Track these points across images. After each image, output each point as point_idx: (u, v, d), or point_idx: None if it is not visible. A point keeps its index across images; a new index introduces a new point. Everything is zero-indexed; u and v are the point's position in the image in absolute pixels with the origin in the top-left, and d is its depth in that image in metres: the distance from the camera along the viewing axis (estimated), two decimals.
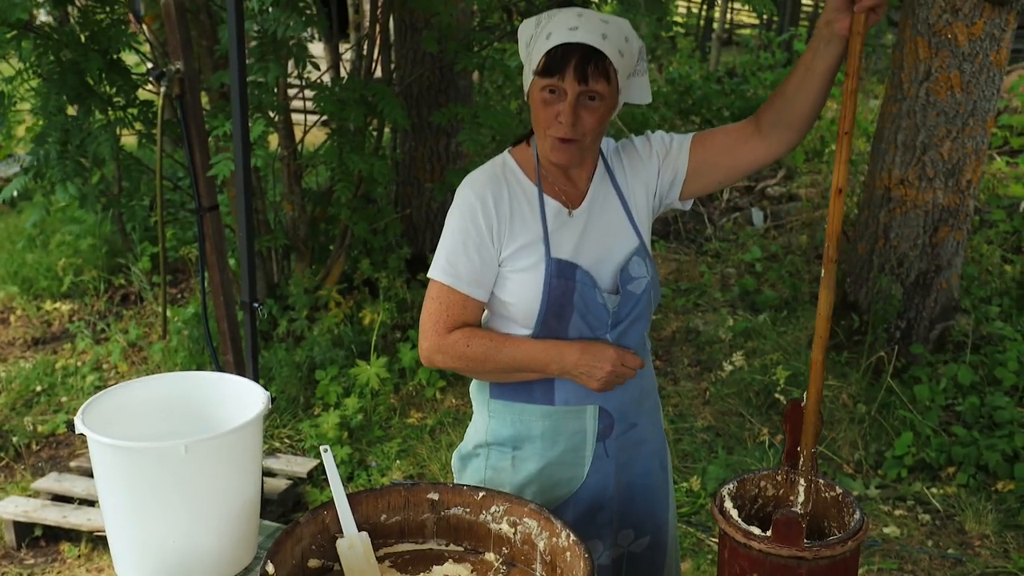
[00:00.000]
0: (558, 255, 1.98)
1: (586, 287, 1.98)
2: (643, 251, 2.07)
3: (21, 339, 5.79)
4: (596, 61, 1.87)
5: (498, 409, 2.10)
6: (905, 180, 4.78)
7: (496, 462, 2.12)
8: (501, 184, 2.02)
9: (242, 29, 2.91)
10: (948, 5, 4.52)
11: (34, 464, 4.49)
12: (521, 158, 2.07)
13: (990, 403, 4.45)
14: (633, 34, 1.96)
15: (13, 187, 4.57)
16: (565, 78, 1.87)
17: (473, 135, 4.73)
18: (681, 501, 4.05)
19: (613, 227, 2.06)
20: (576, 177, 2.06)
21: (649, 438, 2.20)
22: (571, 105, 1.88)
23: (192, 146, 3.11)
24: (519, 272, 1.99)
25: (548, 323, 1.98)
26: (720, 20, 16.16)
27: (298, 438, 4.59)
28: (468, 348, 1.98)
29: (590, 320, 2.00)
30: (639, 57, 2.00)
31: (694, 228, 7.47)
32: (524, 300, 1.98)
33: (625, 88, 1.98)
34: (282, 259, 5.50)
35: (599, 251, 2.02)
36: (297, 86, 5.07)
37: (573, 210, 2.03)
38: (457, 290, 1.99)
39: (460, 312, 2.00)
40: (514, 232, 1.99)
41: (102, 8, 4.44)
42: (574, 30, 1.86)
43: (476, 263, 1.98)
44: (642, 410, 2.16)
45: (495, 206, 1.99)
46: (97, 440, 1.70)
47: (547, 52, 1.88)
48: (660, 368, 5.33)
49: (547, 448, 2.07)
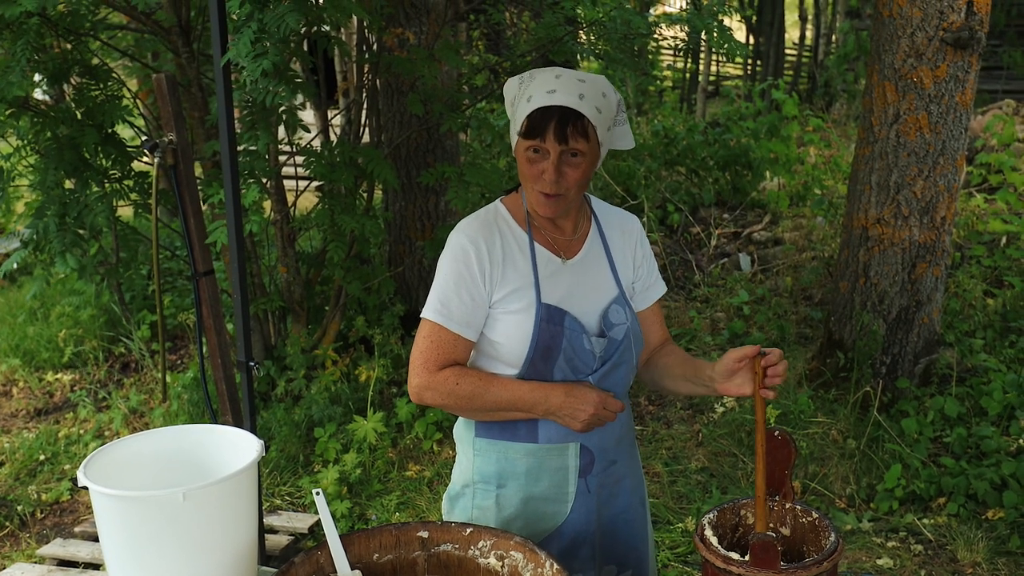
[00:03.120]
0: (548, 300, 2.07)
1: (574, 332, 2.07)
2: (622, 300, 2.16)
3: (24, 410, 5.87)
4: (575, 122, 1.96)
5: (483, 447, 2.19)
6: (881, 219, 4.91)
7: (481, 500, 2.20)
8: (493, 230, 2.11)
9: (230, 100, 3.04)
10: (912, 50, 4.69)
11: (39, 531, 4.54)
12: (512, 207, 2.17)
13: (977, 433, 4.53)
14: (610, 88, 2.06)
15: (13, 260, 4.68)
16: (546, 139, 1.97)
17: (461, 193, 4.87)
18: (676, 541, 4.10)
19: (599, 279, 2.16)
20: (563, 226, 2.16)
21: (628, 474, 2.27)
22: (554, 164, 1.99)
23: (186, 213, 3.22)
24: (510, 314, 2.07)
25: (535, 364, 2.07)
26: (705, 73, 16.47)
27: (299, 495, 4.65)
28: (457, 386, 2.06)
29: (576, 363, 2.09)
30: (618, 109, 2.09)
31: (683, 275, 7.59)
32: (513, 341, 2.07)
33: (607, 141, 2.08)
34: (278, 321, 5.60)
35: (587, 299, 2.12)
36: (288, 152, 5.22)
37: (567, 260, 2.14)
38: (448, 329, 2.07)
39: (451, 351, 2.08)
40: (506, 276, 2.08)
41: (96, 85, 4.59)
42: (552, 93, 1.96)
43: (468, 304, 2.07)
44: (621, 447, 2.23)
45: (488, 250, 2.08)
46: (99, 491, 1.77)
47: (528, 115, 1.98)
48: (653, 412, 5.41)
49: (531, 484, 2.15)
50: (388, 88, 5.75)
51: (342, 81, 7.65)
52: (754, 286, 7.01)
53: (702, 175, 9.39)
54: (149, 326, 6.39)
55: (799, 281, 6.88)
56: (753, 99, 10.18)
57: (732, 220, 8.80)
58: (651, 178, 9.01)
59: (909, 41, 4.70)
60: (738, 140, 9.28)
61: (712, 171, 9.36)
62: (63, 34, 4.59)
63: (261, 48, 3.54)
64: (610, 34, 5.19)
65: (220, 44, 2.99)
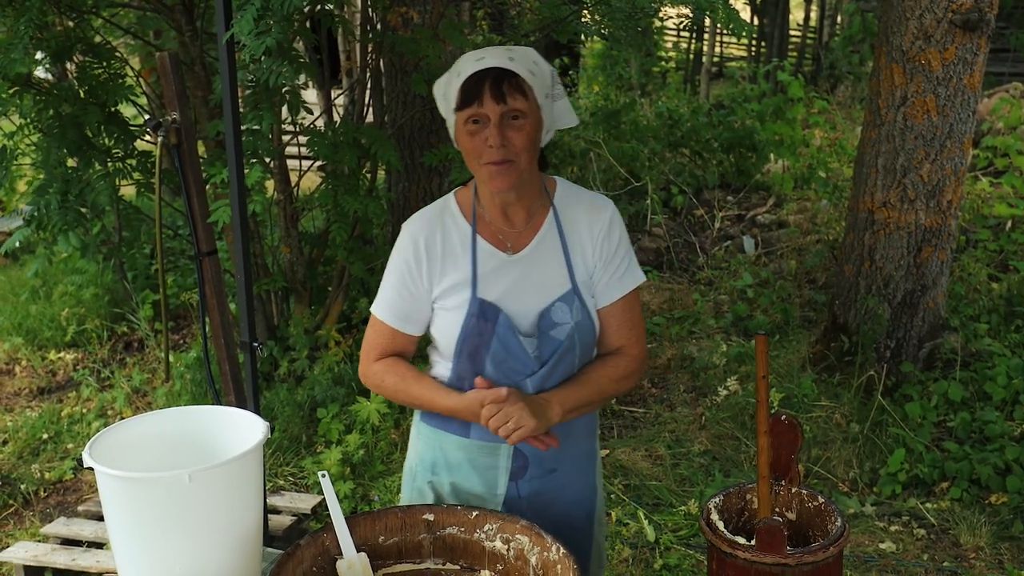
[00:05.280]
0: (484, 296, 2.02)
1: (507, 331, 2.01)
2: (571, 297, 2.05)
3: (27, 389, 5.87)
4: (508, 80, 1.92)
5: (424, 432, 2.19)
6: (887, 203, 4.89)
7: (421, 483, 2.20)
8: (437, 225, 2.08)
9: (235, 79, 3.02)
10: (920, 32, 4.66)
11: (42, 510, 4.55)
12: (462, 199, 2.12)
13: (981, 418, 4.52)
14: (540, 59, 2.02)
15: (16, 238, 4.66)
16: (484, 103, 1.92)
17: (464, 174, 4.83)
18: (679, 524, 4.11)
19: (549, 273, 2.06)
20: (513, 217, 2.08)
21: (572, 486, 2.18)
22: (496, 126, 1.92)
23: (190, 193, 3.21)
24: (446, 311, 2.05)
25: (462, 363, 2.05)
26: (709, 54, 16.40)
27: (301, 475, 4.66)
28: (383, 381, 2.11)
29: (510, 364, 2.02)
30: (553, 81, 2.03)
31: (687, 257, 7.57)
32: (445, 337, 2.06)
33: (548, 111, 2.01)
34: (281, 302, 5.59)
35: (529, 296, 2.04)
36: (291, 132, 5.19)
37: (513, 254, 2.06)
38: (386, 323, 2.10)
39: (388, 343, 2.12)
40: (445, 271, 2.05)
41: (99, 63, 4.57)
42: (480, 60, 1.94)
43: (407, 300, 2.08)
44: (565, 456, 2.14)
45: (426, 247, 2.06)
46: (105, 472, 1.77)
47: (460, 86, 1.95)
48: (656, 395, 5.41)
49: (462, 480, 2.13)
50: (392, 68, 5.72)
51: (345, 61, 7.62)
52: (758, 269, 7.00)
53: (706, 157, 9.35)
54: (152, 305, 6.39)
55: (803, 264, 6.87)
56: (758, 81, 10.13)
57: (736, 202, 8.77)
58: (655, 160, 8.98)
59: (917, 23, 4.66)
60: (742, 122, 9.24)
61: (716, 153, 9.32)
62: (65, 12, 4.56)
63: (264, 26, 3.51)
64: (614, 13, 5.14)
65: (224, 22, 2.96)
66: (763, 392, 1.94)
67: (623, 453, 4.74)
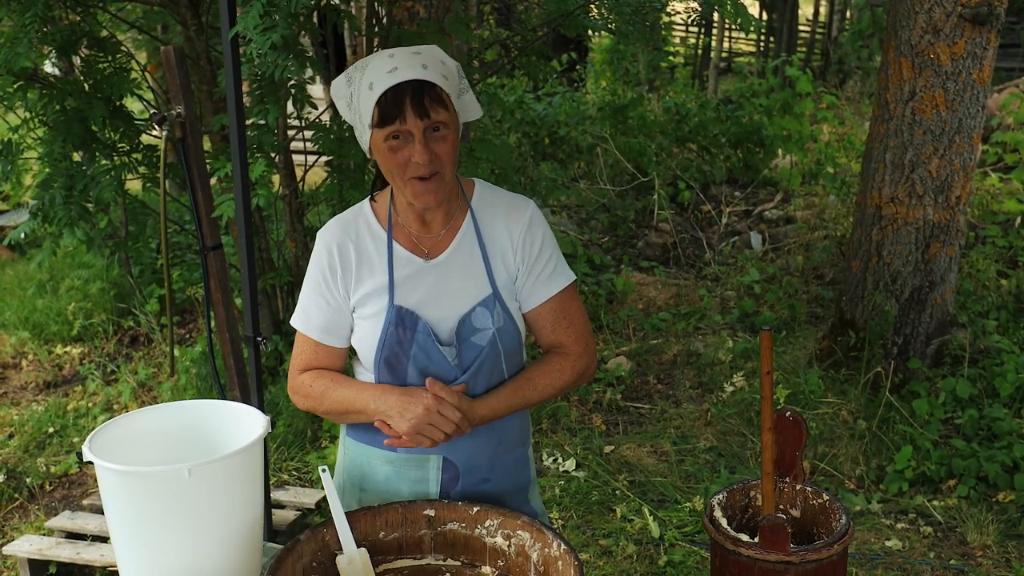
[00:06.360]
0: (402, 303, 1.98)
1: (426, 338, 1.97)
2: (492, 301, 2.00)
3: (33, 383, 5.88)
4: (428, 92, 1.84)
5: (351, 447, 2.15)
6: (895, 198, 4.86)
7: (349, 499, 2.15)
8: (350, 232, 2.03)
9: (239, 74, 3.01)
10: (929, 26, 4.63)
11: (47, 504, 4.56)
12: (377, 206, 2.06)
13: (989, 415, 4.50)
14: (446, 56, 1.96)
15: (21, 230, 4.66)
16: (406, 119, 1.84)
17: (470, 169, 4.84)
18: (684, 520, 4.09)
19: (468, 278, 2.02)
20: (431, 221, 2.02)
21: (506, 497, 2.13)
22: (421, 143, 1.85)
23: (194, 187, 3.20)
24: (365, 319, 2.01)
25: (384, 371, 2.00)
26: (717, 49, 16.34)
27: (305, 470, 4.66)
28: (311, 387, 2.04)
29: (431, 372, 1.98)
30: (459, 76, 1.97)
31: (693, 253, 7.55)
32: (365, 346, 2.02)
33: (461, 110, 1.96)
34: (287, 296, 5.59)
35: (449, 302, 2.00)
36: (297, 127, 5.18)
37: (430, 259, 2.01)
38: (308, 336, 2.06)
39: (312, 356, 2.07)
40: (361, 279, 2.00)
41: (105, 57, 4.56)
42: (394, 71, 1.83)
43: (325, 311, 2.03)
44: (498, 466, 2.11)
45: (340, 255, 2.01)
46: (104, 466, 1.77)
47: (377, 102, 1.84)
48: (662, 391, 5.40)
49: (391, 494, 2.08)
50: None
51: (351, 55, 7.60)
52: (765, 265, 6.97)
53: (714, 152, 9.33)
54: (158, 300, 6.39)
55: (810, 260, 6.84)
56: (766, 76, 10.09)
57: (743, 198, 8.75)
58: (662, 155, 8.95)
59: (926, 17, 4.63)
60: (750, 117, 9.21)
61: (724, 148, 9.29)
62: (71, 6, 4.55)
63: (270, 21, 3.50)
64: (622, 8, 5.12)
65: (229, 17, 2.95)
66: (767, 388, 1.92)
67: (628, 449, 4.73)
